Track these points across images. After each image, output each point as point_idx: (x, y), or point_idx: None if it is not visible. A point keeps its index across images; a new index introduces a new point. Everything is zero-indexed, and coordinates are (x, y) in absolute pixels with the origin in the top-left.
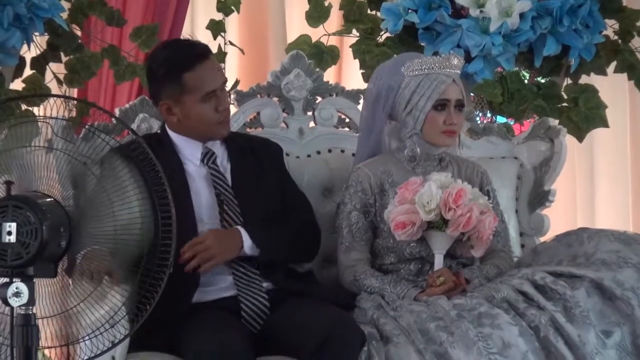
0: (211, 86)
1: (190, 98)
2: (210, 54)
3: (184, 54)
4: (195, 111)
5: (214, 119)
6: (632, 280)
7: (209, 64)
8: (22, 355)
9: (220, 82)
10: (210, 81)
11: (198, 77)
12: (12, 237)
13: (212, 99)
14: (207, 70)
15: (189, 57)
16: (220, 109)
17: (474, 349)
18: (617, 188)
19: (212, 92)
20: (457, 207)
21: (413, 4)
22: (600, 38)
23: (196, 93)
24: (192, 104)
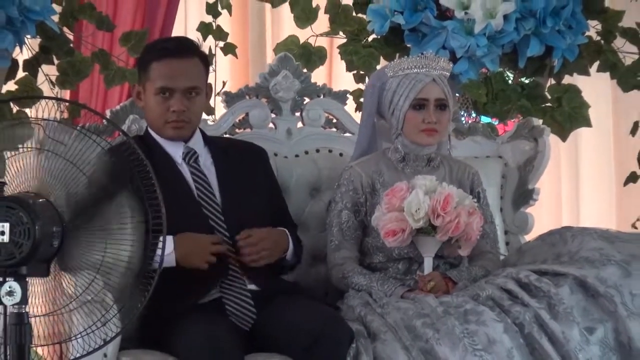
0: (166, 83)
1: (150, 87)
2: (185, 56)
3: (162, 45)
4: (150, 101)
5: (162, 116)
6: (615, 277)
7: (177, 63)
8: (15, 352)
9: (182, 85)
10: (167, 77)
11: (160, 69)
12: (5, 237)
13: (168, 97)
14: (170, 67)
15: (163, 49)
16: (171, 109)
17: (460, 345)
18: (601, 186)
19: (167, 89)
20: (446, 214)
21: (399, 6)
22: (583, 39)
23: (154, 83)
24: (149, 94)
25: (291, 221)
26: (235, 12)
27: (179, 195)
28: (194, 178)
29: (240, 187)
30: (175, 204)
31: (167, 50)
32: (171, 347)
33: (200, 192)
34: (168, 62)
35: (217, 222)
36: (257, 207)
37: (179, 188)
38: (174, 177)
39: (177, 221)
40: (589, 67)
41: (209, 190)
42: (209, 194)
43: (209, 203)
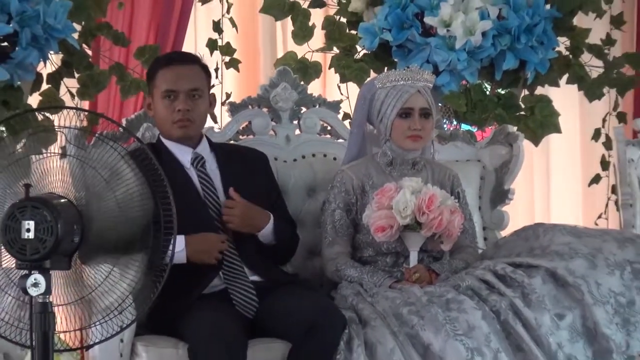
0: (171, 86)
1: (157, 93)
2: (185, 63)
3: (166, 56)
4: (158, 106)
5: (169, 117)
6: (582, 269)
7: (179, 69)
8: (41, 339)
9: (185, 87)
10: (171, 81)
11: (165, 75)
12: (31, 234)
13: (173, 99)
14: (174, 72)
15: (167, 58)
16: (176, 109)
17: (442, 330)
18: (569, 187)
19: (172, 91)
20: (430, 212)
21: (387, 24)
22: (553, 54)
23: (160, 88)
24: (157, 99)
25: (290, 219)
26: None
27: (187, 198)
28: (201, 181)
29: (243, 189)
30: (183, 205)
31: (170, 59)
32: (181, 334)
33: (206, 194)
34: (172, 68)
35: (221, 222)
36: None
37: (187, 191)
38: (183, 180)
39: (185, 221)
40: (558, 79)
41: (214, 193)
42: (214, 196)
43: (214, 204)
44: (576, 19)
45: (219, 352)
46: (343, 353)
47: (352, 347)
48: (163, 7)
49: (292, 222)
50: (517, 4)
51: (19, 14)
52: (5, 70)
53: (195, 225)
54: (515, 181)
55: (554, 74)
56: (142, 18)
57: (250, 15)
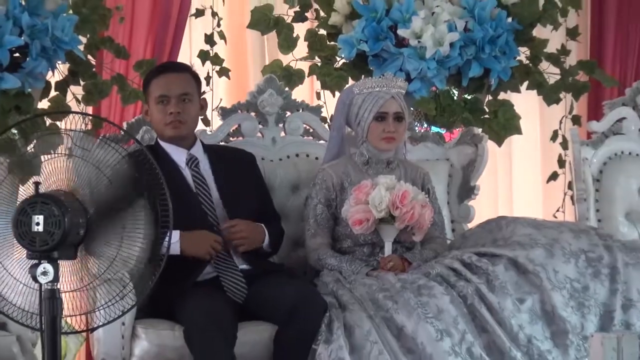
0: (163, 91)
1: (152, 99)
2: (176, 71)
3: (159, 67)
4: (153, 110)
5: (162, 119)
6: (541, 257)
7: (170, 77)
8: (49, 322)
9: (175, 92)
10: (164, 87)
11: (158, 82)
12: (40, 227)
13: (165, 103)
14: (165, 80)
15: (158, 69)
16: (169, 112)
17: (414, 314)
18: (530, 183)
19: (165, 96)
20: (403, 206)
21: (364, 36)
22: (515, 62)
23: (154, 94)
24: (152, 105)
25: (275, 213)
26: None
27: (182, 195)
28: (195, 180)
29: (233, 186)
30: (179, 202)
31: (163, 68)
32: (178, 317)
33: (199, 192)
34: (164, 76)
35: (212, 217)
36: (247, 203)
37: (182, 189)
38: (178, 179)
39: (179, 216)
40: (519, 86)
41: (207, 191)
42: (207, 193)
43: (207, 202)
44: (535, 31)
45: (211, 333)
46: (324, 334)
47: (332, 329)
48: (160, 21)
49: (277, 216)
50: (482, 17)
51: (29, 27)
52: (17, 78)
53: (189, 220)
54: (480, 178)
55: (515, 80)
56: (140, 32)
57: (239, 27)
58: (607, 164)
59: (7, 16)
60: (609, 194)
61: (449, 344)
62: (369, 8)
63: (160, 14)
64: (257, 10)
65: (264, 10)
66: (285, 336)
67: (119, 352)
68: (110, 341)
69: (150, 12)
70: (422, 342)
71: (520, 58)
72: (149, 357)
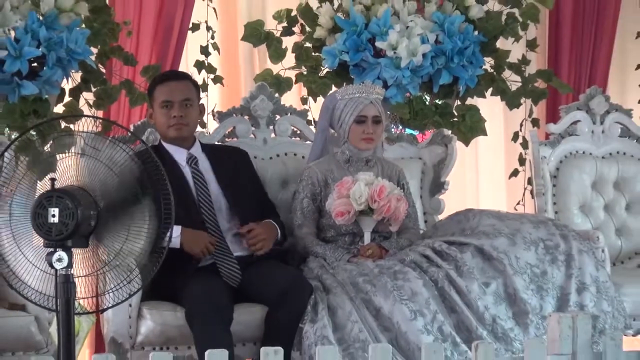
0: (167, 97)
1: (156, 104)
2: (178, 79)
3: (162, 75)
4: (157, 115)
5: (166, 122)
6: (504, 245)
7: (173, 84)
8: (64, 304)
9: (177, 98)
10: (167, 93)
11: (162, 89)
12: (56, 219)
13: (169, 108)
14: (169, 87)
15: (162, 77)
16: (172, 115)
17: (391, 296)
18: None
19: (168, 101)
20: (380, 200)
21: (345, 48)
22: (480, 71)
23: (158, 100)
24: (157, 109)
25: (271, 203)
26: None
27: (183, 191)
28: (194, 177)
29: (232, 180)
30: (179, 197)
31: (166, 76)
32: (179, 300)
33: (198, 188)
34: (167, 83)
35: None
36: (246, 194)
37: (182, 185)
38: (179, 176)
39: (179, 210)
40: (485, 92)
41: (205, 187)
42: (205, 190)
43: (205, 198)
44: (499, 43)
45: (210, 314)
46: (310, 314)
47: (317, 310)
48: (163, 34)
49: (273, 205)
50: (451, 31)
51: (46, 40)
52: (35, 85)
53: (187, 215)
54: (450, 174)
55: (481, 87)
56: (146, 42)
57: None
58: (563, 161)
59: (26, 30)
60: (565, 188)
61: (421, 323)
62: (349, 23)
63: (164, 27)
64: (250, 25)
65: (256, 25)
66: (275, 316)
67: (127, 330)
68: (118, 321)
69: (155, 26)
70: (397, 322)
71: (486, 67)
72: (153, 335)
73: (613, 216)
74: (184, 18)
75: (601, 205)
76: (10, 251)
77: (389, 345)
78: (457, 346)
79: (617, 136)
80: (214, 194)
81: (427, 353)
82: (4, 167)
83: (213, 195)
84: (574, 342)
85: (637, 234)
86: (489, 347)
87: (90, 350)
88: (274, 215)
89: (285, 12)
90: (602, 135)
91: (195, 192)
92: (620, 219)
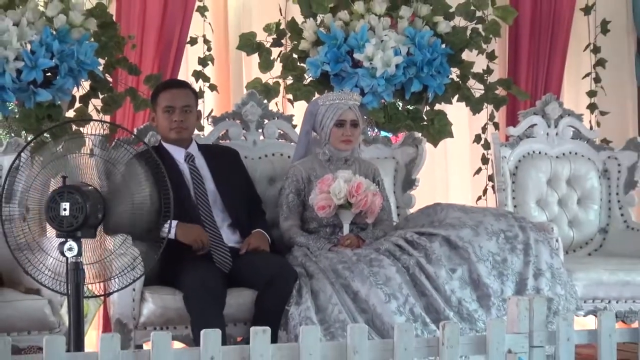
0: (169, 103)
1: (159, 109)
2: (180, 87)
3: (165, 83)
4: (160, 119)
5: (168, 125)
6: (468, 236)
7: (174, 91)
8: (74, 289)
9: (179, 104)
10: (169, 100)
11: (165, 96)
12: (66, 212)
13: (170, 113)
14: (171, 94)
15: (165, 85)
16: (174, 120)
17: (367, 281)
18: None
19: (170, 107)
20: (358, 195)
21: (327, 59)
22: (447, 80)
23: (161, 105)
24: (159, 114)
25: (258, 197)
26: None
27: (181, 186)
28: (192, 174)
29: (225, 176)
30: (178, 193)
31: (168, 84)
32: (178, 285)
33: (195, 183)
34: (170, 91)
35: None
36: (237, 188)
37: (180, 181)
38: (178, 173)
39: (178, 204)
40: (451, 99)
41: (202, 183)
42: (202, 185)
43: (201, 192)
44: (464, 55)
45: (205, 298)
46: (295, 298)
47: (301, 294)
48: (164, 46)
49: (259, 199)
50: (421, 44)
51: (59, 52)
52: (49, 93)
53: (185, 208)
54: (420, 172)
55: (448, 94)
56: (149, 54)
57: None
58: (522, 161)
59: (41, 43)
60: (523, 185)
61: (395, 305)
62: (330, 37)
63: (164, 41)
64: (244, 36)
65: (249, 36)
66: (264, 300)
67: (130, 312)
68: (123, 303)
69: (156, 39)
70: (373, 304)
71: (452, 76)
72: (154, 316)
73: (566, 210)
74: (182, 32)
75: (555, 200)
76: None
77: (365, 325)
78: (426, 326)
79: (569, 138)
80: (209, 189)
81: (399, 332)
82: (21, 166)
83: (208, 189)
84: (531, 322)
85: (587, 225)
86: (455, 326)
87: (98, 330)
88: (260, 211)
89: (275, 25)
90: (556, 138)
91: (192, 187)
92: (572, 212)
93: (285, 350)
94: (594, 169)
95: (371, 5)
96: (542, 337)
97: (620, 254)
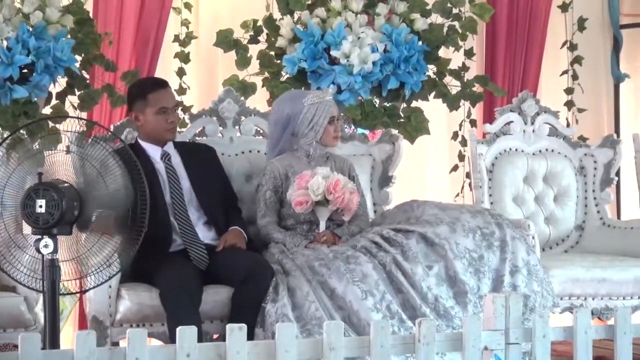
0: (164, 104)
1: (150, 110)
2: (167, 86)
3: (151, 81)
4: (151, 120)
5: (164, 126)
6: (445, 233)
7: (167, 92)
8: (49, 286)
9: (172, 104)
10: (163, 101)
11: (157, 97)
12: (42, 209)
13: (165, 113)
14: (164, 94)
15: (154, 84)
16: (169, 121)
17: (344, 278)
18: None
19: (165, 108)
20: (335, 192)
21: (304, 56)
22: (424, 77)
23: (155, 106)
24: (151, 115)
25: (234, 194)
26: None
27: (156, 184)
28: (167, 172)
29: (201, 174)
30: (154, 190)
31: (157, 85)
32: (154, 281)
33: (170, 182)
34: (162, 91)
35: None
36: (213, 186)
37: (156, 179)
38: (154, 171)
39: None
40: (428, 95)
41: (177, 181)
42: (177, 183)
43: (177, 190)
44: (441, 52)
45: (182, 295)
46: (271, 295)
47: (278, 291)
48: (141, 43)
49: (236, 197)
50: (398, 41)
51: (35, 49)
52: (25, 89)
53: (159, 206)
54: (397, 169)
55: (424, 91)
56: (125, 51)
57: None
58: (498, 158)
59: (17, 40)
60: (500, 182)
61: (371, 302)
62: (307, 34)
63: (141, 37)
64: (222, 33)
65: (226, 33)
66: (240, 296)
67: (107, 309)
68: (99, 301)
69: (133, 36)
70: (350, 301)
71: (429, 73)
72: (131, 313)
73: (542, 207)
74: (159, 28)
75: (532, 197)
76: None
77: (341, 322)
78: (403, 323)
79: (546, 135)
80: (185, 187)
81: (375, 329)
82: None
83: (184, 188)
84: (507, 318)
85: (563, 222)
86: (431, 323)
87: (74, 328)
88: (237, 208)
89: (252, 22)
90: (533, 135)
91: (168, 185)
92: (549, 209)
93: (262, 347)
94: (570, 166)
95: (348, 2)
96: (518, 334)
97: (597, 251)
